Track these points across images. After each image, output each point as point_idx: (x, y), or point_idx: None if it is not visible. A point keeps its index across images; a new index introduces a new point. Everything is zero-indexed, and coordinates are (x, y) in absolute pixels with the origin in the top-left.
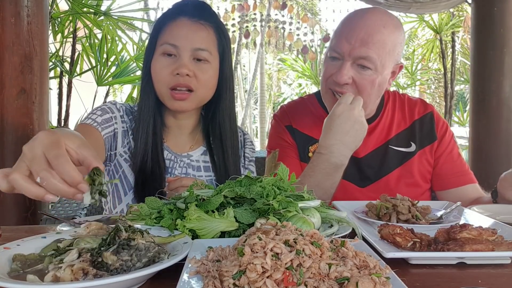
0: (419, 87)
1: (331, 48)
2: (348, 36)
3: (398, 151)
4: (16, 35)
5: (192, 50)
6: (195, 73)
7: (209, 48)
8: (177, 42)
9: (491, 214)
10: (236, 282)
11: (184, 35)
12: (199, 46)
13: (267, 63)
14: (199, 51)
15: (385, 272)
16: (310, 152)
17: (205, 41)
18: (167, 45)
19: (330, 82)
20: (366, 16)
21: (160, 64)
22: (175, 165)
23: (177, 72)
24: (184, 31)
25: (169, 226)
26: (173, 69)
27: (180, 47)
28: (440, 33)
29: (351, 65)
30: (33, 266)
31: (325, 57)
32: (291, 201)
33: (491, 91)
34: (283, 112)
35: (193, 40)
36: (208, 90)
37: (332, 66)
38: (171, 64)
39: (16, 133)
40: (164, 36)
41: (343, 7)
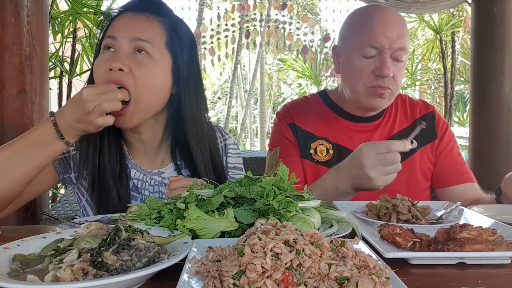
0: (419, 87)
1: (363, 46)
2: (384, 31)
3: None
4: (16, 35)
5: (130, 40)
6: (131, 68)
7: (152, 41)
8: (115, 33)
9: (491, 214)
10: (236, 282)
11: (123, 26)
12: (138, 36)
13: (267, 63)
14: (139, 42)
15: (385, 272)
16: (312, 149)
17: (147, 32)
18: (107, 39)
19: (370, 79)
20: (389, 11)
21: (99, 59)
22: (144, 185)
23: (109, 67)
24: (124, 22)
25: (169, 226)
26: (108, 64)
27: (118, 38)
28: (440, 33)
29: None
30: (33, 266)
31: (348, 58)
32: (291, 201)
33: (491, 91)
34: (286, 110)
35: (133, 30)
36: (150, 92)
37: (368, 64)
38: (108, 60)
39: (16, 133)
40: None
41: (343, 7)
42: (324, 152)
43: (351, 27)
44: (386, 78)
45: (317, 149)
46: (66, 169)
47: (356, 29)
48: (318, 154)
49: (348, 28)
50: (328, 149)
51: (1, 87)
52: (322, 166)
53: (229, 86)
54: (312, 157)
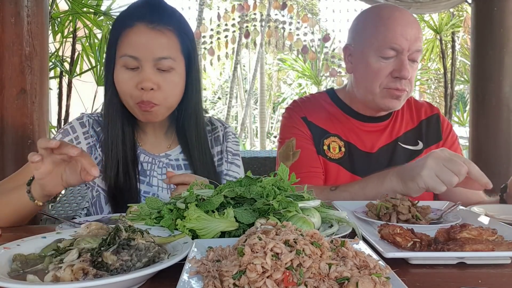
0: (419, 87)
1: (382, 47)
2: (403, 32)
3: (406, 149)
4: (16, 35)
5: (154, 60)
6: (160, 85)
7: (172, 55)
8: (137, 53)
9: (491, 214)
10: (236, 282)
11: (144, 45)
12: (160, 55)
13: (267, 63)
14: (162, 61)
15: (385, 272)
16: (325, 145)
17: (167, 48)
18: (127, 58)
19: (387, 81)
20: (405, 13)
21: (123, 77)
22: (154, 167)
23: (141, 87)
24: (143, 40)
25: (169, 226)
26: (136, 82)
27: (141, 59)
28: (440, 33)
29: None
30: (33, 266)
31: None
32: (291, 201)
33: (491, 91)
34: (296, 105)
35: (154, 49)
36: (175, 98)
37: (387, 65)
38: (134, 77)
39: (16, 133)
40: (122, 47)
41: (343, 7)
42: (336, 149)
43: (367, 27)
44: (404, 80)
45: (330, 146)
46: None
47: (373, 30)
48: (331, 151)
49: (364, 28)
50: (341, 147)
51: (1, 87)
52: (334, 164)
53: (229, 86)
54: (325, 154)
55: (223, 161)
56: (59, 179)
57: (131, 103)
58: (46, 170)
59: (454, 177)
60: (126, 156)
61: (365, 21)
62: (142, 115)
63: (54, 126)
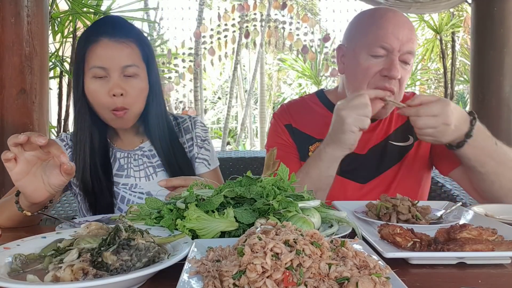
0: (419, 87)
1: (372, 45)
2: (394, 32)
3: (397, 146)
4: (16, 35)
5: (121, 68)
6: (127, 91)
7: (136, 62)
8: (105, 64)
9: (491, 214)
10: (236, 282)
11: (110, 56)
12: (126, 63)
13: (267, 63)
14: (127, 68)
15: (385, 272)
16: (310, 151)
17: (131, 57)
18: (95, 69)
19: (376, 79)
20: (399, 14)
21: (94, 87)
22: (130, 160)
23: (112, 93)
24: (109, 52)
25: (169, 226)
26: (107, 90)
27: (109, 69)
28: (440, 33)
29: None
30: (33, 266)
31: (355, 57)
32: (291, 201)
33: (491, 91)
34: (283, 111)
35: (120, 59)
36: (142, 102)
37: (376, 64)
38: (104, 85)
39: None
40: (91, 60)
41: (343, 7)
42: None
43: (360, 27)
44: (393, 80)
45: None
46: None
47: (365, 29)
48: None
49: (357, 28)
50: None
51: (1, 87)
52: None
53: (229, 86)
54: None
55: (194, 146)
56: (40, 181)
57: (106, 112)
58: (21, 170)
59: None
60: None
61: (358, 22)
62: (115, 121)
63: (54, 126)
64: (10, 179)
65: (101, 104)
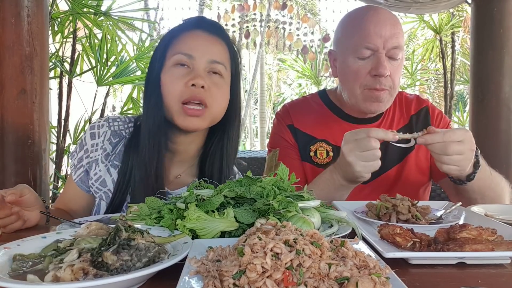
0: (419, 87)
1: (357, 48)
2: (376, 30)
3: (399, 148)
4: (16, 35)
5: (208, 62)
6: (210, 87)
7: (225, 63)
8: (192, 52)
9: (491, 214)
10: (236, 282)
11: (200, 46)
12: (215, 58)
13: (267, 63)
14: (215, 64)
15: (385, 272)
16: (311, 151)
17: (221, 55)
18: (180, 55)
19: (366, 80)
20: (380, 11)
21: (172, 75)
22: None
23: (192, 83)
24: (200, 41)
25: (169, 226)
26: (187, 80)
27: (195, 58)
28: (440, 33)
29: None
30: (33, 266)
31: (345, 61)
32: (291, 201)
33: (491, 91)
34: (285, 111)
35: (210, 52)
36: (221, 108)
37: (364, 65)
38: (185, 75)
39: (16, 133)
40: (177, 46)
41: (343, 7)
42: (324, 154)
43: (344, 30)
44: (383, 78)
45: (317, 152)
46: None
47: (349, 32)
48: (318, 157)
49: (342, 32)
50: (328, 152)
51: (1, 87)
52: (323, 169)
53: None
54: (312, 160)
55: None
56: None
57: (176, 105)
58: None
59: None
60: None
61: (343, 25)
62: (184, 119)
63: (54, 126)
64: (11, 179)
65: (174, 95)
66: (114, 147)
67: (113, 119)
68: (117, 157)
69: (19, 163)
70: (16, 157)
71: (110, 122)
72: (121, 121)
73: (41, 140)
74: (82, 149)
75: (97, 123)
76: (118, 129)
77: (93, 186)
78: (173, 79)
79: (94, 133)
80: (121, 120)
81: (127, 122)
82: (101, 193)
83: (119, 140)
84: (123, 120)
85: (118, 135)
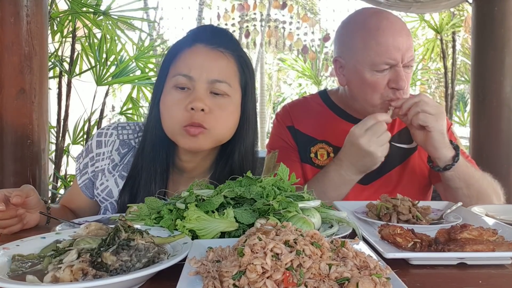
0: (419, 87)
1: (376, 63)
2: (395, 44)
3: (401, 148)
4: (15, 35)
5: (209, 82)
6: (211, 109)
7: (229, 80)
8: (191, 72)
9: (491, 214)
10: (236, 282)
11: (200, 64)
12: (216, 77)
13: (267, 63)
14: (217, 84)
15: (385, 273)
16: (312, 153)
17: (224, 72)
18: (179, 77)
19: (387, 92)
20: (392, 20)
21: (172, 98)
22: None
23: (191, 107)
24: (199, 59)
25: (168, 226)
26: (186, 104)
27: (194, 79)
28: (441, 32)
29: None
30: (33, 267)
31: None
32: (291, 201)
33: (492, 91)
34: (285, 112)
35: (210, 70)
36: (227, 129)
37: (382, 78)
38: (185, 99)
39: (15, 133)
40: (177, 65)
41: (343, 7)
42: (324, 156)
43: (356, 41)
44: (401, 90)
45: (318, 153)
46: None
47: (362, 44)
48: (318, 158)
49: (352, 42)
50: (329, 153)
51: (1, 87)
52: None
53: None
54: (312, 161)
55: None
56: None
57: (177, 129)
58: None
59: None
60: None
61: (352, 34)
62: (186, 140)
63: (53, 126)
64: (10, 179)
65: (174, 119)
66: (122, 158)
67: (122, 126)
68: (125, 167)
69: (18, 163)
70: (15, 157)
71: (119, 130)
72: (131, 129)
73: (40, 140)
74: (87, 155)
75: (105, 131)
76: (127, 138)
77: (99, 196)
78: (173, 103)
79: (101, 141)
80: (130, 128)
81: (136, 131)
82: (107, 204)
83: (128, 151)
84: (133, 128)
85: (127, 145)
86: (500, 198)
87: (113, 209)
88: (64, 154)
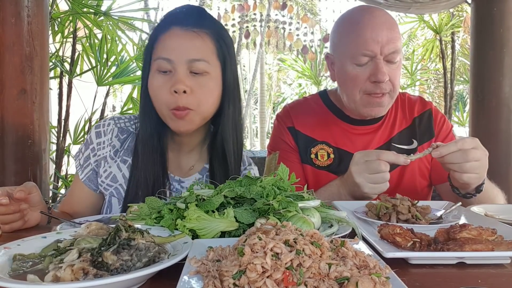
0: (419, 87)
1: (355, 55)
2: (373, 36)
3: (401, 149)
4: (16, 35)
5: (187, 62)
6: (193, 89)
7: (207, 57)
8: (170, 55)
9: (491, 214)
10: (236, 282)
11: (177, 47)
12: (194, 57)
13: (267, 63)
14: (195, 63)
15: (385, 272)
16: (312, 154)
17: (201, 50)
18: (160, 60)
19: (366, 86)
20: (376, 14)
21: (157, 82)
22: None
23: (174, 89)
24: (177, 41)
25: (169, 226)
26: (169, 87)
27: (174, 61)
28: (440, 33)
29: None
30: (34, 266)
31: (342, 67)
32: (291, 201)
33: (491, 91)
34: (286, 112)
35: (187, 52)
36: (210, 105)
37: (362, 71)
38: (168, 81)
39: (16, 133)
40: (157, 51)
41: (343, 7)
42: (325, 156)
43: (340, 35)
44: (382, 84)
45: (318, 154)
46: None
47: (345, 37)
48: (319, 159)
49: (338, 36)
50: (329, 154)
51: (2, 87)
52: (323, 171)
53: None
54: (313, 162)
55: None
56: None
57: (165, 111)
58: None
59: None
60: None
61: (339, 29)
62: (175, 123)
63: (54, 126)
64: (11, 179)
65: (161, 102)
66: (122, 143)
67: (118, 117)
68: (126, 152)
69: (19, 163)
70: (16, 157)
71: (115, 120)
72: (126, 118)
73: (41, 140)
74: (88, 148)
75: (103, 122)
76: (124, 126)
77: (103, 184)
78: (158, 86)
79: (100, 131)
80: (126, 118)
81: (132, 119)
82: (112, 190)
83: (127, 136)
84: (128, 118)
85: (126, 131)
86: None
87: (118, 195)
88: (64, 154)
